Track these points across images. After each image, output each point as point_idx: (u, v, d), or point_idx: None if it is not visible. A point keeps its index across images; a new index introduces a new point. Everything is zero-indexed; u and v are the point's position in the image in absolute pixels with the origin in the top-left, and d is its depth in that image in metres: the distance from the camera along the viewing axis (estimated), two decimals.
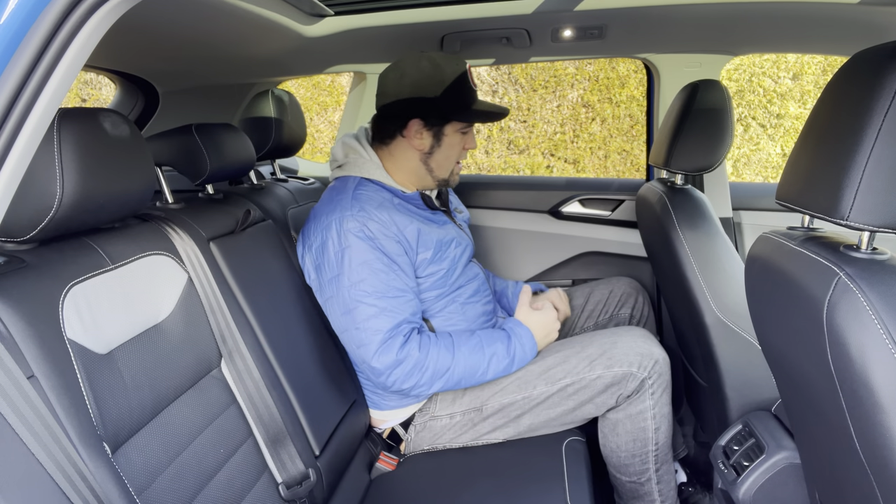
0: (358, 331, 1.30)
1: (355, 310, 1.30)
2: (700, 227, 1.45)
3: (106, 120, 0.91)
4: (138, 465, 0.88)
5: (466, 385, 1.37)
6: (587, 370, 1.36)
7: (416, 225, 1.39)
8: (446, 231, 1.48)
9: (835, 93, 0.76)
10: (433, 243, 1.42)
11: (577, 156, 5.62)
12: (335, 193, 1.42)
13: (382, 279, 1.30)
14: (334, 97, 5.88)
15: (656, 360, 1.35)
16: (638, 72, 5.39)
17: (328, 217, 1.35)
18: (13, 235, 0.84)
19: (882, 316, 0.65)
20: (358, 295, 1.29)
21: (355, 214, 1.33)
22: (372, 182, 1.44)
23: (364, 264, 1.30)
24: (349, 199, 1.37)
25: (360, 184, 1.42)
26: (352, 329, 1.31)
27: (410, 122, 1.41)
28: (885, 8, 1.33)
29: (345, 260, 1.31)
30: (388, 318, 1.29)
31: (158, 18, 1.18)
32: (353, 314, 1.30)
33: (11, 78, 0.66)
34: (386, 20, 1.53)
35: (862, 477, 0.74)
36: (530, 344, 1.40)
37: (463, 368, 1.33)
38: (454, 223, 1.57)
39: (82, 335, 0.85)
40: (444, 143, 1.45)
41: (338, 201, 1.38)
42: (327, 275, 1.34)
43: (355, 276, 1.30)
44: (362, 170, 1.45)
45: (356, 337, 1.30)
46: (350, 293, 1.30)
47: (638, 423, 1.37)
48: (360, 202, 1.36)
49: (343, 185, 1.43)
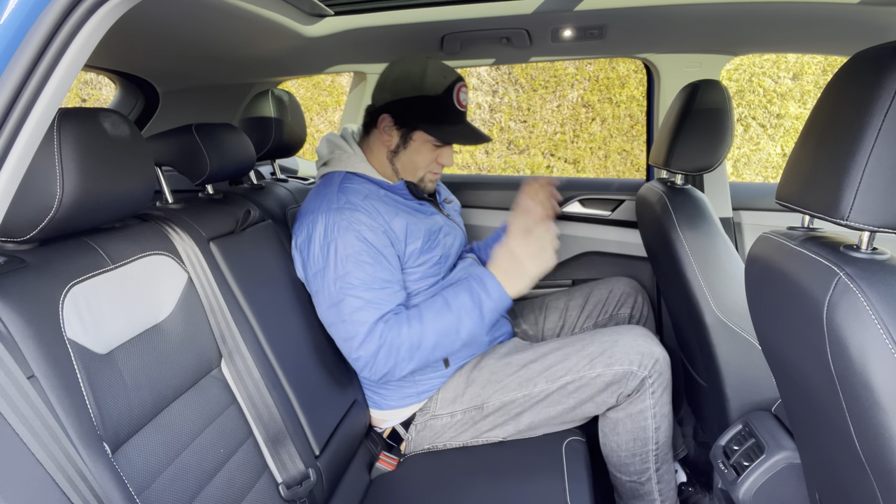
0: (345, 324, 1.30)
1: (341, 303, 1.30)
2: (700, 227, 1.46)
3: (106, 120, 0.91)
4: (138, 465, 0.88)
5: (445, 351, 1.31)
6: (588, 368, 1.37)
7: (402, 216, 1.40)
8: (434, 220, 1.49)
9: (835, 93, 0.76)
10: (422, 233, 1.42)
11: (577, 156, 5.62)
12: (321, 188, 1.43)
13: (368, 271, 1.30)
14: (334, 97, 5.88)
15: (657, 359, 1.35)
16: (638, 72, 5.39)
17: (314, 212, 1.36)
18: (13, 235, 0.84)
19: (882, 316, 0.65)
20: (344, 288, 1.29)
21: (342, 206, 1.34)
22: (357, 175, 1.45)
23: (349, 257, 1.30)
24: (335, 192, 1.38)
25: (346, 178, 1.44)
26: (338, 322, 1.31)
27: (382, 116, 1.44)
28: (885, 8, 1.33)
29: (330, 253, 1.31)
30: (374, 311, 1.28)
31: (158, 18, 1.18)
32: (340, 307, 1.30)
33: (11, 78, 0.66)
34: (386, 20, 1.53)
35: (862, 477, 0.74)
36: (492, 284, 1.30)
37: (434, 333, 1.28)
38: (442, 213, 1.57)
39: (82, 335, 0.85)
40: (411, 147, 1.45)
41: (324, 195, 1.39)
42: (313, 268, 1.35)
43: (341, 268, 1.30)
44: (347, 164, 1.47)
45: (343, 330, 1.31)
46: (336, 286, 1.30)
47: (638, 423, 1.37)
48: (347, 194, 1.37)
49: (329, 180, 1.45)
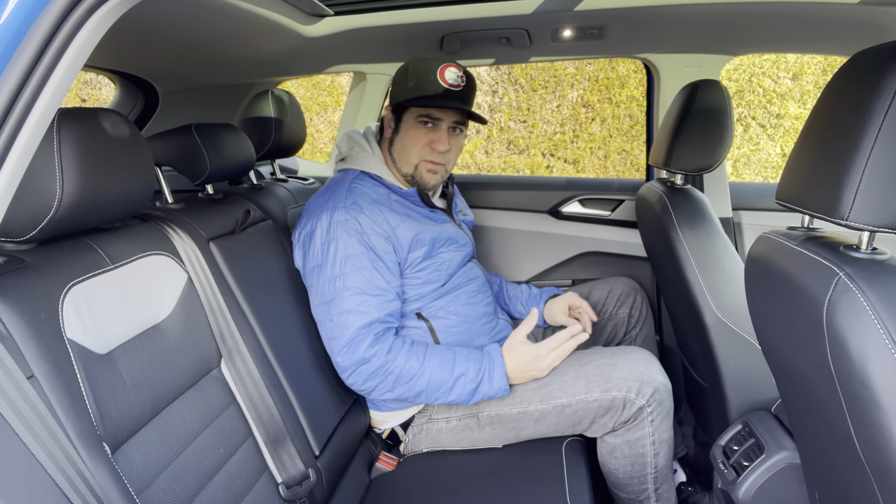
0: (332, 323, 1.29)
1: (332, 301, 1.30)
2: (700, 227, 1.45)
3: (106, 120, 0.91)
4: (138, 465, 0.88)
5: (426, 400, 1.32)
6: (584, 392, 1.32)
7: (410, 223, 1.40)
8: (443, 229, 1.48)
9: (835, 93, 0.76)
10: (427, 241, 1.41)
11: (577, 156, 5.62)
12: (332, 184, 1.44)
13: (365, 276, 1.30)
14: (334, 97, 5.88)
15: (656, 388, 1.30)
16: (638, 72, 5.38)
17: (321, 207, 1.37)
18: (13, 235, 0.84)
19: (882, 316, 0.65)
20: (338, 287, 1.29)
21: (347, 207, 1.34)
22: (371, 177, 1.45)
23: (348, 259, 1.30)
24: (344, 191, 1.38)
25: (359, 177, 1.44)
26: (326, 320, 1.31)
27: (385, 110, 1.47)
28: (885, 8, 1.33)
29: (330, 251, 1.31)
30: (362, 316, 1.28)
31: (158, 18, 1.18)
32: (330, 306, 1.30)
33: (11, 78, 0.66)
34: (386, 20, 1.53)
35: (862, 477, 0.73)
36: (499, 376, 1.32)
37: (427, 381, 1.29)
38: (454, 221, 1.57)
39: (82, 335, 0.85)
40: (402, 130, 1.45)
41: (332, 192, 1.39)
42: (311, 263, 1.35)
43: (338, 268, 1.30)
44: (364, 163, 1.47)
45: (329, 329, 1.31)
46: (330, 285, 1.30)
47: (636, 449, 1.33)
48: (354, 195, 1.37)
49: (343, 177, 1.45)
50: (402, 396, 1.32)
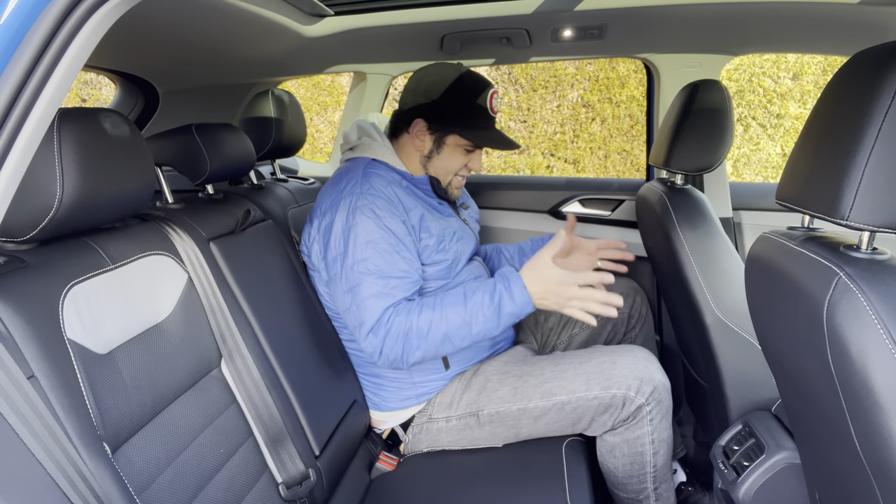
0: (359, 309, 1.29)
1: (357, 287, 1.29)
2: (700, 227, 1.45)
3: (106, 120, 0.91)
4: (138, 465, 0.88)
5: (457, 343, 1.26)
6: (584, 389, 1.33)
7: (420, 210, 1.41)
8: (449, 223, 1.48)
9: (835, 93, 0.76)
10: (436, 232, 1.42)
11: (577, 156, 5.62)
12: (344, 172, 1.44)
13: (387, 259, 1.30)
14: (334, 97, 5.88)
15: (655, 387, 1.30)
16: (638, 72, 5.38)
17: (337, 196, 1.37)
18: (13, 235, 0.84)
19: (882, 316, 0.65)
20: (361, 273, 1.29)
21: (364, 192, 1.34)
22: (382, 164, 1.46)
23: (369, 243, 1.30)
24: (359, 177, 1.38)
25: (371, 164, 1.44)
26: (353, 306, 1.30)
27: (415, 121, 1.44)
28: (885, 8, 1.33)
29: (351, 238, 1.31)
30: (388, 298, 1.28)
31: (158, 19, 1.18)
32: (354, 292, 1.30)
33: (11, 78, 0.66)
34: (386, 20, 1.54)
35: (862, 477, 0.74)
36: (519, 290, 1.24)
37: (446, 323, 1.25)
38: (459, 216, 1.57)
39: (82, 335, 0.85)
40: (444, 151, 1.46)
41: (347, 180, 1.39)
42: (333, 252, 1.35)
43: (360, 254, 1.30)
44: (374, 152, 1.47)
45: (355, 315, 1.30)
46: (354, 271, 1.30)
47: (635, 448, 1.33)
48: (370, 180, 1.37)
49: (354, 165, 1.45)
50: (431, 352, 1.27)
